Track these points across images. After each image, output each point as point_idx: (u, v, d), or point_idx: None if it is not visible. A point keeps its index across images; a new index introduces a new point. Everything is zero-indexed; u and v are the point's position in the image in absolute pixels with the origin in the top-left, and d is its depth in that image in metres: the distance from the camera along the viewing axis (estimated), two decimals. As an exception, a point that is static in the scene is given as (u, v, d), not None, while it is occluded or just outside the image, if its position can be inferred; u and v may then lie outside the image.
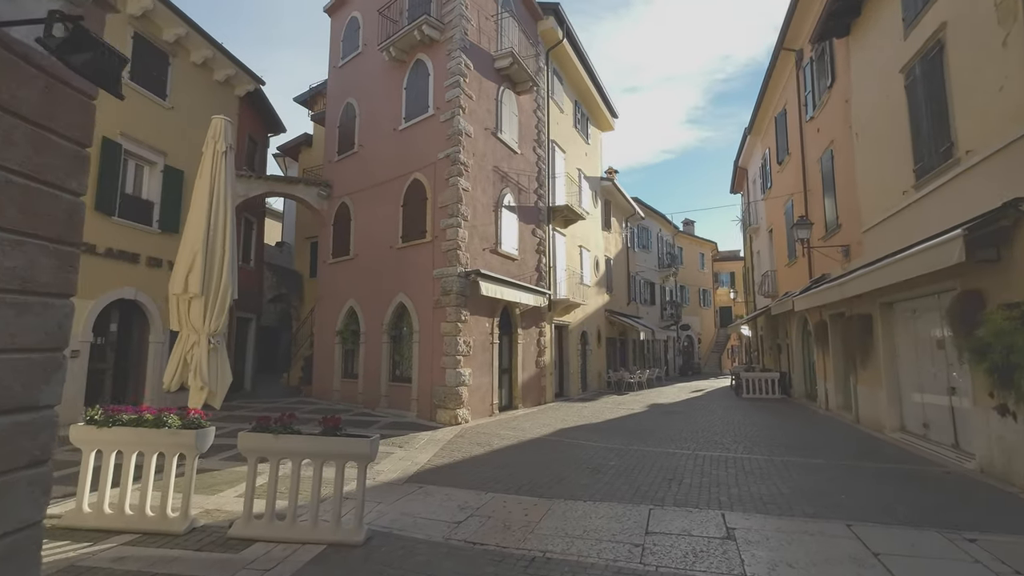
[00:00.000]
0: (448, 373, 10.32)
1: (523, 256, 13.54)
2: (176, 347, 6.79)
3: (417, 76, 12.09)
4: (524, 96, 14.20)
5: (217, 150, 7.25)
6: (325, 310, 13.87)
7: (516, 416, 11.68)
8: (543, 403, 14.06)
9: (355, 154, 13.58)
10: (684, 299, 35.32)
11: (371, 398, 11.92)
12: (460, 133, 11.03)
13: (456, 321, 10.41)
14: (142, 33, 10.85)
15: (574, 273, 16.95)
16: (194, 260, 6.81)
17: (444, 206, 10.94)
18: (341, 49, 14.70)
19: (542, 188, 14.99)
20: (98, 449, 4.45)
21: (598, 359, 19.76)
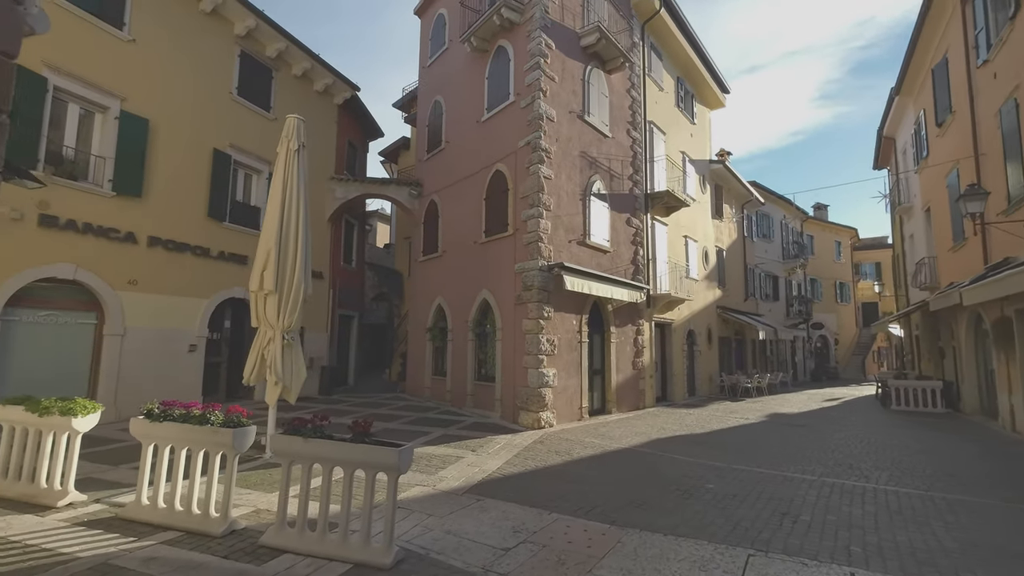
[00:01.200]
0: (530, 373, 9.71)
1: (616, 248, 12.48)
2: (255, 343, 6.96)
3: (498, 64, 11.64)
4: (615, 75, 13.11)
5: (290, 148, 7.33)
6: (417, 308, 14.02)
7: (607, 422, 10.72)
8: (641, 408, 12.87)
9: (442, 151, 13.54)
10: (816, 294, 31.09)
11: (458, 397, 11.72)
12: (541, 118, 10.35)
13: (538, 318, 9.76)
14: (248, 51, 11.72)
15: (677, 266, 15.40)
16: (268, 257, 6.89)
17: (525, 196, 10.34)
18: (429, 48, 14.79)
19: (638, 174, 13.76)
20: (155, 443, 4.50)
21: (708, 361, 17.86)
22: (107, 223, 8.74)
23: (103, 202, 8.73)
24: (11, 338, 7.61)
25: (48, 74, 8.04)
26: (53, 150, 8.17)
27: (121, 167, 8.98)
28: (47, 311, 8.09)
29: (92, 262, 8.50)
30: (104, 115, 8.91)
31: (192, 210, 10.25)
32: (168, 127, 9.83)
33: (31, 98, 7.78)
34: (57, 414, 4.66)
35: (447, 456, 7.14)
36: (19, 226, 7.63)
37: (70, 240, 8.22)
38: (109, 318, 8.76)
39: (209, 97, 10.72)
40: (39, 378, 7.92)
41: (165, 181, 9.75)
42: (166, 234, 9.71)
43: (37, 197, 7.84)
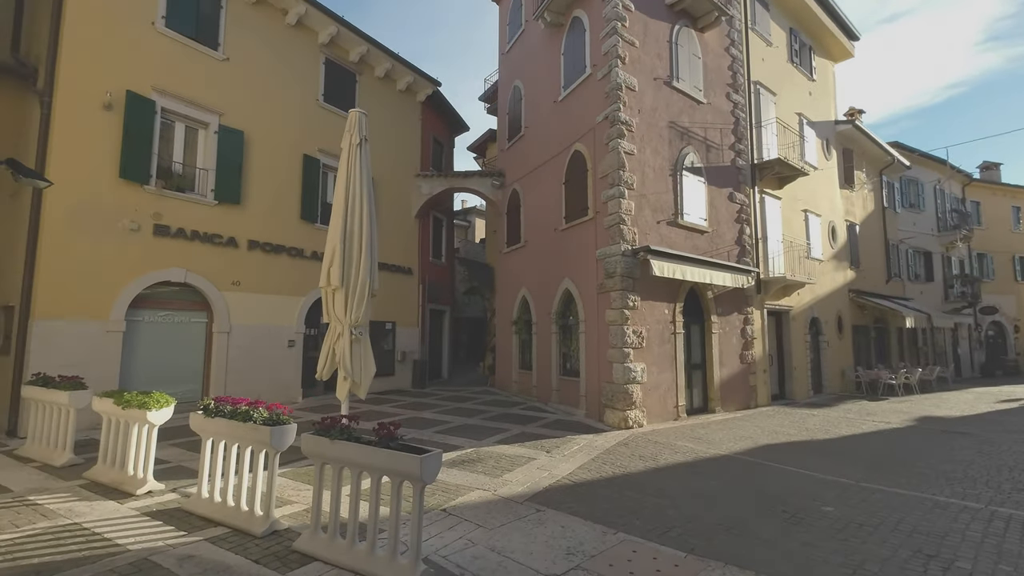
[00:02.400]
0: (615, 368, 8.89)
1: (716, 227, 11.09)
2: (326, 338, 7.03)
3: (574, 37, 10.85)
4: (710, 32, 11.62)
5: (352, 142, 7.25)
6: (503, 300, 13.76)
7: (708, 422, 9.53)
8: (752, 407, 11.35)
9: (522, 137, 13.07)
10: (986, 272, 25.72)
11: (544, 392, 11.22)
12: (619, 88, 9.41)
13: (622, 308, 8.89)
14: (331, 58, 12.19)
15: (795, 245, 13.40)
16: (334, 253, 6.88)
17: (604, 176, 9.49)
18: (508, 33, 14.37)
19: (741, 142, 12.12)
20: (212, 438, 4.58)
21: (839, 353, 15.42)
22: (211, 230, 9.53)
23: (207, 210, 9.53)
24: (136, 336, 8.56)
25: (156, 97, 8.90)
26: (163, 165, 9.06)
27: (222, 177, 9.74)
28: (164, 311, 9.01)
29: (200, 266, 9.31)
30: (205, 130, 9.71)
31: (286, 213, 10.89)
32: (261, 137, 10.50)
33: (142, 120, 8.66)
34: (135, 407, 4.97)
35: (517, 457, 6.67)
36: (137, 236, 8.54)
37: (180, 247, 9.06)
38: (217, 317, 9.57)
39: (298, 105, 11.30)
40: (161, 372, 8.85)
41: (260, 188, 10.43)
42: (263, 237, 10.40)
43: (151, 209, 8.73)
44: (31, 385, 6.15)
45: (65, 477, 5.38)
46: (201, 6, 9.72)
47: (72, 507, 4.52)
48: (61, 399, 5.80)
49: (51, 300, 7.55)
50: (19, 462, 5.96)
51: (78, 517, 4.29)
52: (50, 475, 5.46)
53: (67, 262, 7.75)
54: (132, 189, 8.52)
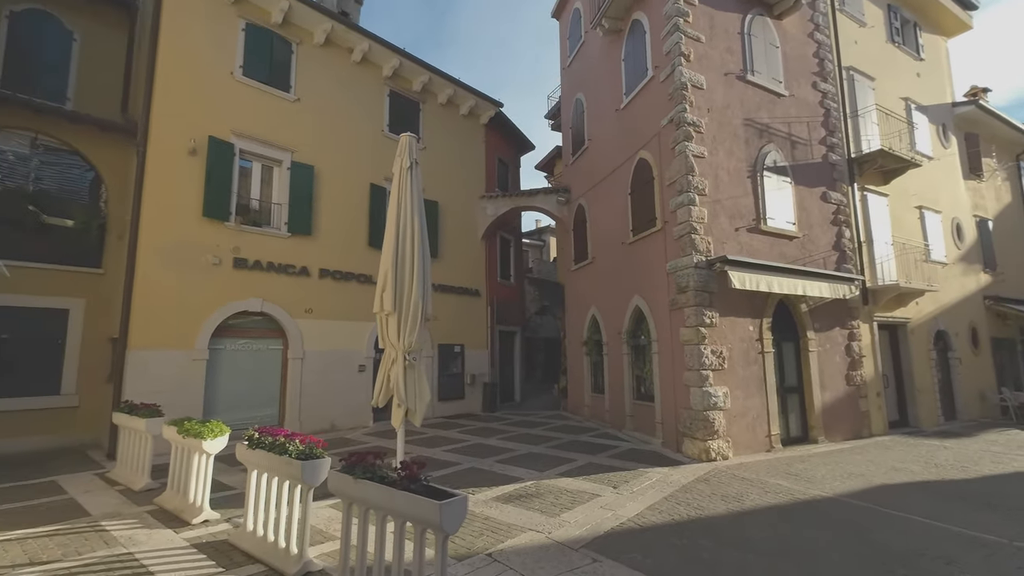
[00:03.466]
0: (693, 392, 8.01)
1: (807, 231, 9.85)
2: (381, 364, 6.94)
3: (634, 41, 10.32)
4: (788, 18, 10.55)
5: (403, 166, 7.23)
6: (572, 320, 13.21)
7: (809, 455, 8.28)
8: (864, 436, 9.78)
9: (585, 151, 12.63)
10: None
11: (617, 417, 10.47)
12: (684, 87, 8.71)
13: (697, 326, 8.04)
14: (395, 89, 12.60)
15: (909, 247, 11.62)
16: (386, 278, 6.82)
17: (672, 183, 8.77)
18: (568, 47, 14.11)
19: (834, 135, 10.78)
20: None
21: (977, 372, 13.05)
22: (285, 260, 10.01)
23: (281, 242, 10.03)
24: (218, 364, 9.09)
25: (234, 140, 9.59)
26: (241, 202, 9.69)
27: (294, 210, 10.25)
28: (243, 340, 9.51)
29: (275, 295, 9.78)
30: (279, 167, 10.30)
31: (355, 241, 11.23)
32: (330, 170, 10.97)
33: (222, 162, 9.34)
34: (193, 436, 5.09)
35: (580, 493, 6.09)
36: (219, 270, 9.13)
37: (257, 278, 9.58)
38: (291, 343, 9.96)
39: (364, 137, 11.74)
40: (241, 398, 9.31)
41: (330, 218, 10.86)
42: (333, 265, 10.76)
43: (231, 244, 9.33)
44: (119, 412, 6.61)
45: (139, 502, 5.63)
46: (274, 53, 10.43)
47: (133, 535, 4.65)
48: (140, 426, 6.15)
49: (144, 332, 8.21)
50: (107, 485, 6.37)
51: (134, 546, 4.38)
52: (127, 500, 5.74)
53: (157, 296, 8.42)
54: (214, 226, 9.16)
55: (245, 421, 9.08)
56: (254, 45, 10.16)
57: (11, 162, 8.73)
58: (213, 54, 9.58)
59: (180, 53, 9.15)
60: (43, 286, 8.61)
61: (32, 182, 8.90)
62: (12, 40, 9.34)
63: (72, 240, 8.94)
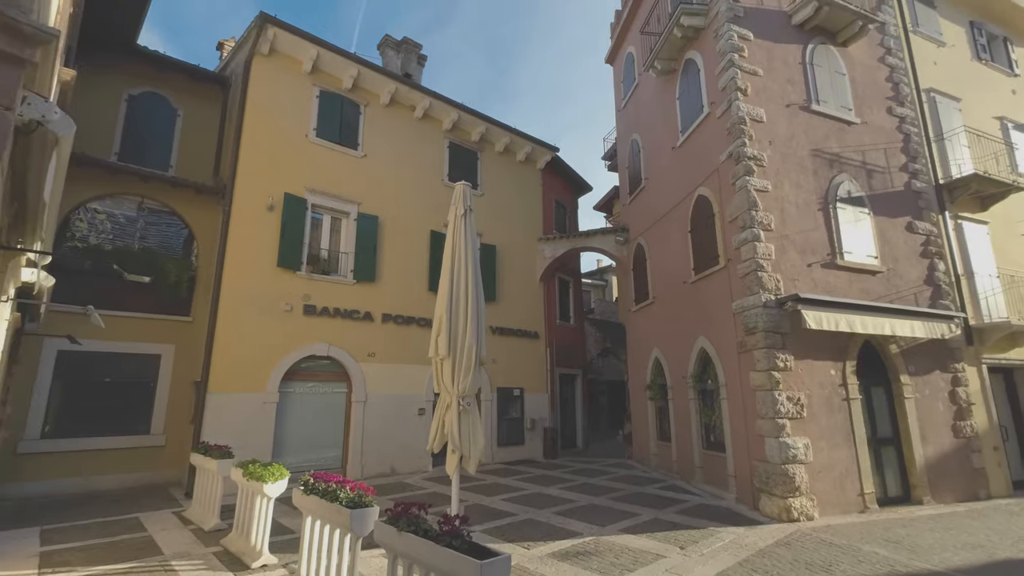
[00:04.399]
0: (768, 443, 7.35)
1: (892, 265, 9.03)
2: (436, 409, 6.97)
3: (688, 80, 10.25)
4: (855, 45, 10.10)
5: (457, 214, 7.45)
6: (635, 362, 12.73)
7: (912, 518, 7.25)
8: (983, 497, 8.47)
9: (643, 190, 12.48)
10: None
11: (685, 468, 9.78)
12: (743, 121, 8.45)
13: (769, 370, 7.45)
14: (454, 141, 13.21)
15: (1019, 279, 10.31)
16: (441, 323, 6.93)
17: (734, 219, 8.40)
18: (623, 90, 14.26)
19: (916, 162, 9.98)
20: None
21: (1123, 423, 11.07)
22: (350, 306, 10.47)
23: (347, 289, 10.54)
24: (287, 406, 9.50)
25: (307, 195, 10.36)
26: (312, 252, 10.35)
27: (360, 258, 10.79)
28: (311, 383, 9.92)
29: (340, 339, 10.20)
30: (347, 219, 10.96)
31: (415, 286, 11.59)
32: (393, 219, 11.53)
33: (296, 216, 10.08)
34: (255, 479, 5.26)
35: (643, 552, 5.65)
36: (290, 316, 9.70)
37: (324, 323, 10.07)
38: (354, 386, 10.27)
39: (425, 187, 12.30)
40: (307, 439, 9.64)
41: (392, 265, 11.32)
42: (395, 310, 11.13)
43: (302, 291, 9.92)
44: (195, 452, 7.01)
45: (207, 543, 5.85)
46: (344, 115, 11.32)
47: (196, 577, 4.81)
48: (212, 466, 6.46)
49: (222, 375, 8.79)
50: (182, 524, 6.70)
51: (197, 588, 4.52)
52: (198, 539, 5.99)
53: (235, 342, 9.02)
54: (287, 275, 9.80)
55: (310, 463, 9.36)
56: (326, 109, 11.08)
57: (122, 223, 9.90)
58: (291, 119, 10.53)
59: (262, 120, 10.13)
60: (141, 333, 9.50)
61: (138, 240, 10.01)
62: (129, 118, 10.78)
63: (167, 291, 9.87)
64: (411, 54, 14.45)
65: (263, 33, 10.11)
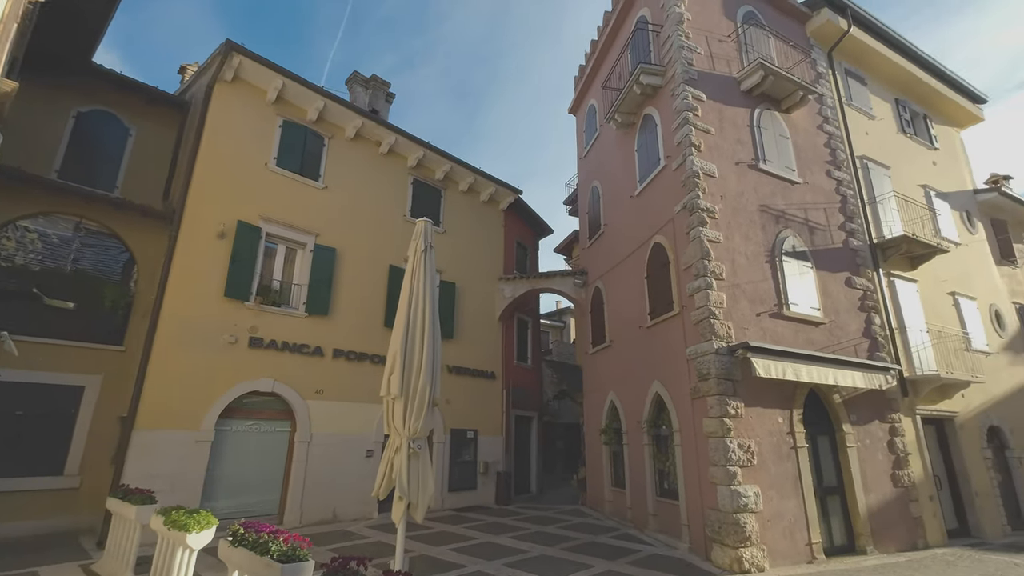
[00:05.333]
0: (720, 491, 7.35)
1: (834, 317, 9.49)
2: (385, 452, 6.64)
3: (646, 134, 10.76)
4: (797, 112, 10.93)
5: (418, 250, 7.35)
6: (591, 405, 12.69)
7: (858, 568, 7.33)
8: (920, 547, 8.70)
9: (602, 235, 12.80)
10: None
11: (639, 516, 9.65)
12: (696, 175, 8.89)
13: (721, 416, 7.55)
14: (419, 178, 13.27)
15: (946, 334, 11.03)
16: (395, 361, 6.70)
17: (688, 267, 8.69)
18: (584, 139, 14.83)
19: (853, 221, 10.72)
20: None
21: (1041, 473, 11.79)
22: (300, 340, 10.05)
23: (298, 322, 10.14)
24: (223, 446, 8.86)
25: (262, 224, 10.05)
26: (263, 283, 9.95)
27: (313, 291, 10.46)
28: (252, 421, 9.33)
29: (287, 375, 9.72)
30: (303, 250, 10.67)
31: (371, 322, 11.28)
32: (352, 252, 11.31)
33: (248, 245, 9.73)
34: (178, 528, 4.78)
35: (594, 608, 5.43)
36: (234, 349, 9.19)
37: (270, 357, 9.58)
38: (299, 425, 9.72)
39: (387, 222, 12.20)
40: (242, 482, 8.97)
41: (348, 298, 11.02)
42: (348, 346, 10.75)
43: (249, 323, 9.46)
44: (112, 497, 6.35)
45: (115, 601, 5.22)
46: (307, 146, 11.21)
47: (98, 642, 4.24)
48: (130, 513, 5.85)
49: (153, 410, 8.14)
50: (88, 579, 5.99)
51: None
52: (104, 598, 5.34)
53: (170, 374, 8.43)
54: (234, 306, 9.35)
55: (244, 508, 8.68)
56: (289, 139, 10.95)
57: (54, 244, 9.26)
58: (250, 147, 10.32)
59: (220, 146, 9.88)
60: (63, 362, 8.73)
61: (71, 263, 9.36)
62: (75, 135, 10.29)
63: (100, 318, 9.20)
64: (379, 91, 14.62)
65: (228, 60, 10.00)
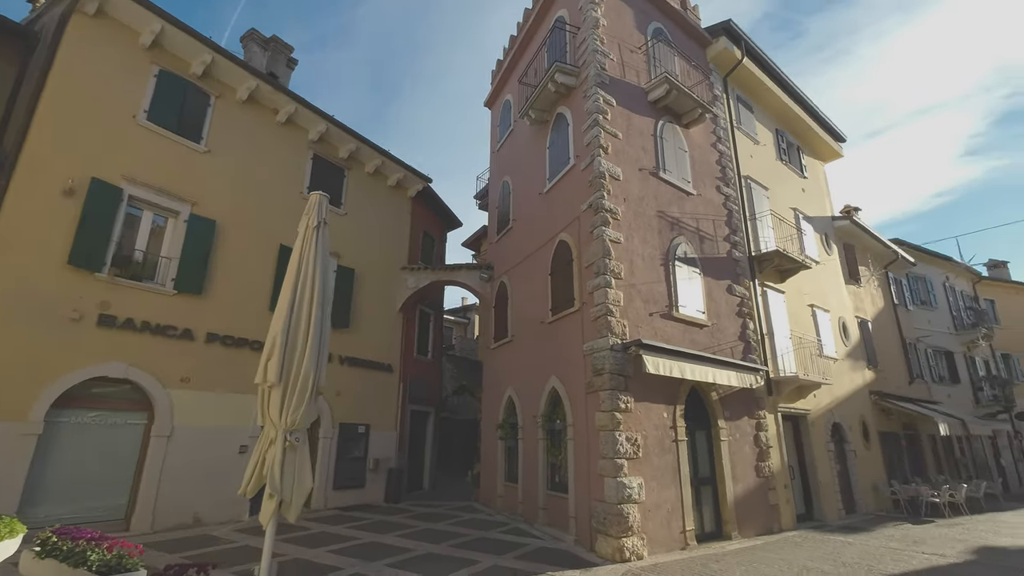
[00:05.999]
0: (607, 483, 7.56)
1: (716, 321, 10.23)
2: (257, 445, 5.95)
3: (558, 132, 10.89)
4: (695, 129, 11.69)
5: (310, 225, 6.70)
6: (490, 400, 12.60)
7: (724, 552, 7.92)
8: (775, 531, 9.65)
9: (510, 230, 12.78)
10: (1015, 374, 24.13)
11: (530, 510, 9.69)
12: (603, 176, 9.12)
13: (613, 410, 7.78)
14: (320, 153, 12.33)
15: (805, 341, 12.41)
16: (274, 345, 6.01)
17: (590, 264, 8.88)
18: (499, 134, 14.75)
19: (736, 234, 11.67)
20: (45, 585, 3.42)
21: (870, 464, 13.70)
22: (165, 321, 8.84)
23: (163, 300, 8.91)
24: (55, 440, 7.49)
25: (125, 185, 8.70)
26: (122, 253, 8.60)
27: (185, 266, 9.26)
28: (96, 412, 8.00)
29: (145, 360, 8.48)
30: (175, 219, 9.41)
31: (254, 304, 10.23)
32: (236, 227, 10.20)
33: (104, 207, 8.37)
34: (-32, 539, 3.85)
35: (478, 605, 5.25)
36: (77, 327, 7.83)
37: (125, 338, 8.30)
38: (158, 417, 8.52)
39: (280, 197, 11.16)
40: (78, 484, 7.65)
41: (229, 277, 9.92)
42: (225, 330, 9.66)
43: (99, 298, 8.12)
44: None
45: None
46: (188, 103, 9.92)
47: None
48: (-92, 523, 4.66)
49: (-40, 398, 6.66)
50: None
51: None
52: None
53: (-10, 354, 6.96)
54: (80, 276, 7.97)
55: (81, 514, 7.43)
56: (166, 91, 9.61)
57: None
58: (115, 94, 8.90)
59: (74, 88, 8.41)
60: None
61: None
62: None
63: None
64: (279, 55, 13.40)
65: (91, -11, 8.54)
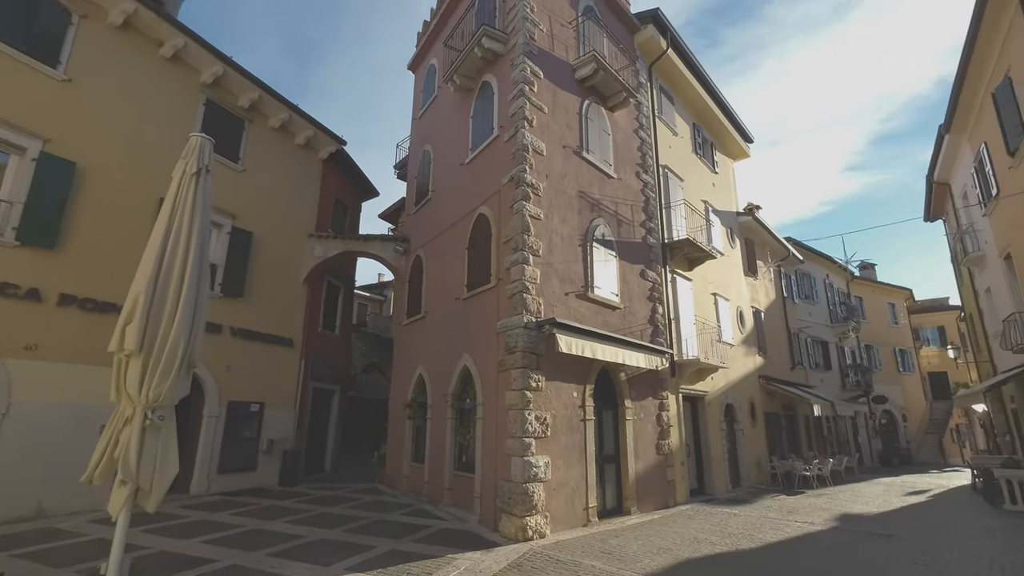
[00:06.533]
0: (514, 463, 7.42)
1: (628, 304, 10.42)
2: (108, 425, 5.04)
3: (483, 101, 10.43)
4: (619, 112, 11.73)
5: (188, 171, 5.72)
6: (399, 379, 12.08)
7: (623, 528, 8.12)
8: (670, 506, 10.13)
9: (429, 201, 12.18)
10: (874, 362, 27.51)
11: (435, 490, 9.39)
12: (526, 149, 8.83)
13: (523, 389, 7.62)
14: (215, 99, 10.92)
15: (707, 327, 13.09)
16: (135, 307, 5.06)
17: (508, 240, 8.60)
18: (422, 100, 13.97)
19: (652, 220, 11.94)
20: None
21: (754, 442, 14.90)
22: (3, 277, 7.36)
23: (2, 253, 7.41)
24: None
25: (-54, 108, 7.06)
26: (-60, 192, 7.02)
27: (32, 214, 7.77)
28: (-100, 384, 6.52)
29: (-27, 323, 7.03)
30: (21, 157, 7.85)
31: (126, 266, 8.84)
32: (102, 171, 8.75)
33: (-84, 132, 6.74)
34: None
35: (367, 594, 4.86)
36: None
37: (-57, 296, 6.82)
38: (-10, 393, 7.13)
39: (162, 144, 9.70)
40: None
41: (94, 231, 8.52)
42: (86, 292, 8.31)
43: (-94, 244, 6.57)
44: None
45: None
46: (41, 19, 8.25)
47: None
48: None
49: None
50: None
51: None
52: None
53: None
54: None
55: None
56: (13, 2, 7.91)
57: None
58: (-65, -6, 7.16)
59: None
60: None
61: None
62: None
63: None
64: (169, -19, 11.63)
65: None
